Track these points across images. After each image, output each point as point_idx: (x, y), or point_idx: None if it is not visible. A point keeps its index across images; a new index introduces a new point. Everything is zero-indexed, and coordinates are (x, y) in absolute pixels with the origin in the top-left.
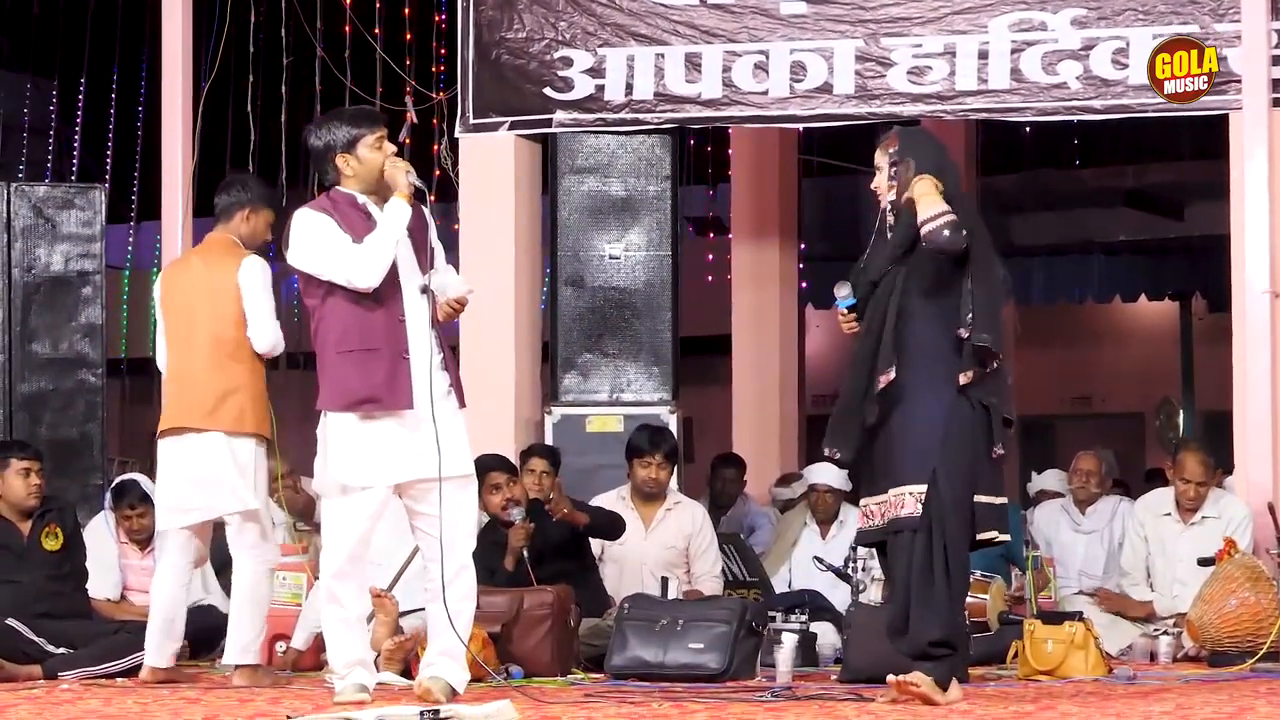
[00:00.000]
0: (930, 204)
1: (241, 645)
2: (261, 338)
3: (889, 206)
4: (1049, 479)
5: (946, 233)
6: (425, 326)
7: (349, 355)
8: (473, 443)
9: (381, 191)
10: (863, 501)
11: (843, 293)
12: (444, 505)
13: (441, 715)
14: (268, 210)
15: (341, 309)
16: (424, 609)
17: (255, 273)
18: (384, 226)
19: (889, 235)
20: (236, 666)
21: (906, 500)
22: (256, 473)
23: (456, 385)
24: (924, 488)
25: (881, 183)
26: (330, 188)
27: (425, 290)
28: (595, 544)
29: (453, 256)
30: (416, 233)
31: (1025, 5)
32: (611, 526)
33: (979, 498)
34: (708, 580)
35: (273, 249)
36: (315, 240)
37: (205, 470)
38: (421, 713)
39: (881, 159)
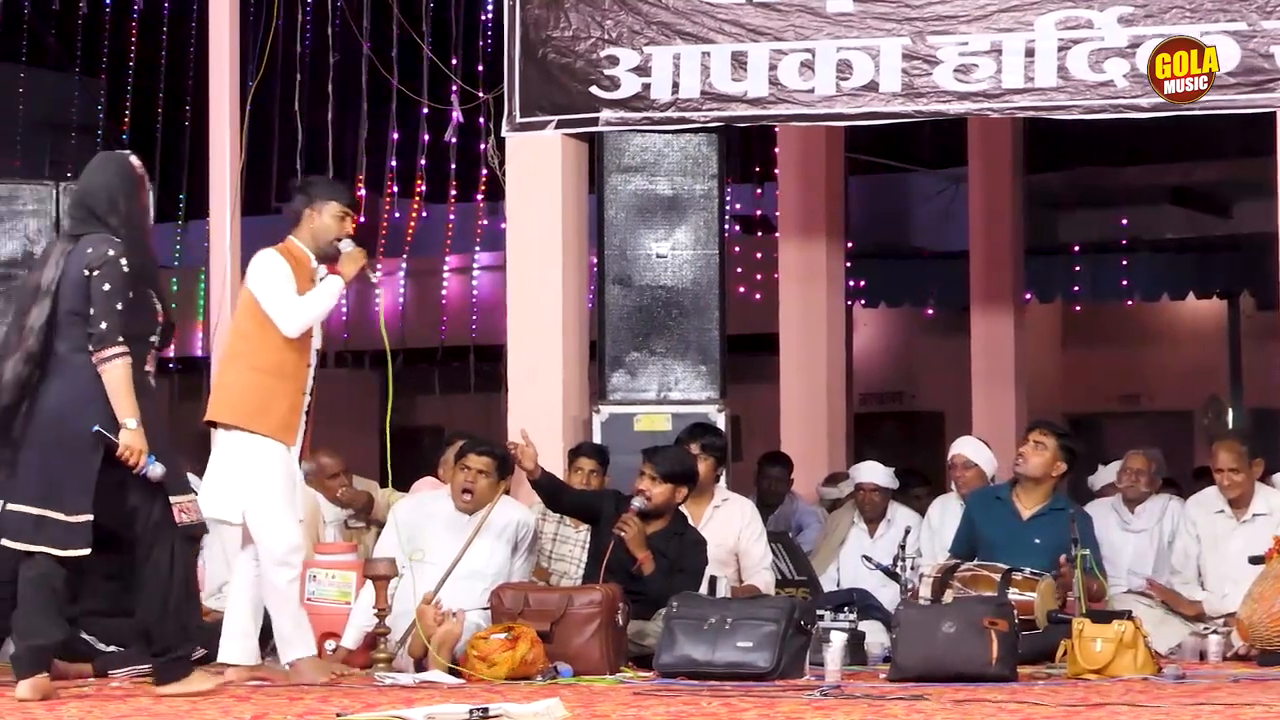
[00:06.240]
0: None
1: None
2: (282, 325)
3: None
4: (1109, 473)
5: None
6: None
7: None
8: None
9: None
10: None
11: None
12: None
13: (491, 713)
14: (332, 203)
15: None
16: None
17: (256, 266)
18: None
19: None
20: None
21: None
22: (255, 472)
23: None
24: None
25: None
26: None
27: None
28: None
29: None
30: None
31: (1072, 3)
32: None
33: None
34: (759, 572)
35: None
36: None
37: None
38: (471, 710)
39: None
